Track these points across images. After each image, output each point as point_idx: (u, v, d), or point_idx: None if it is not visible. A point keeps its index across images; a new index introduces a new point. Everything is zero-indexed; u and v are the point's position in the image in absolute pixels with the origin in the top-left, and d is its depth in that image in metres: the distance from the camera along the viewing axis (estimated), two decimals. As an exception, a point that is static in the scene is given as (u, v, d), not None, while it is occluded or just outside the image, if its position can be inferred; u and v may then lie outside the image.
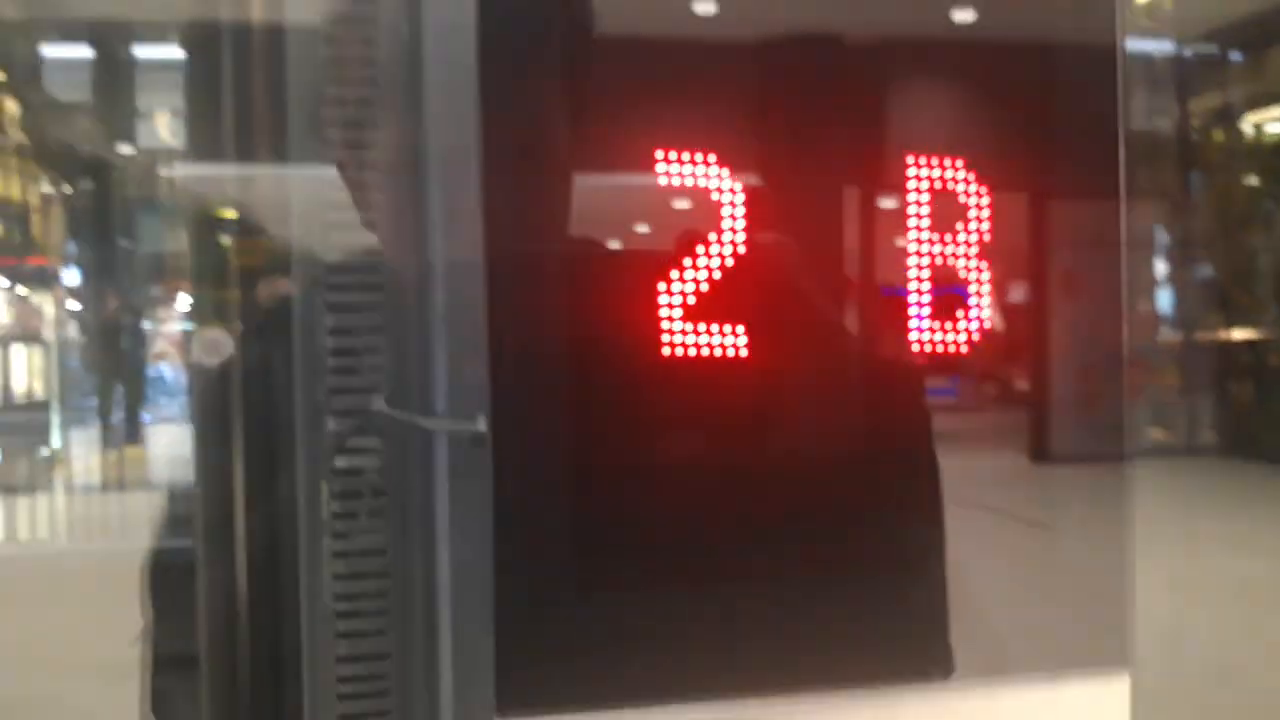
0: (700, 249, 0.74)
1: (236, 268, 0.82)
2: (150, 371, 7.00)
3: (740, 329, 0.75)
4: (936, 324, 0.79)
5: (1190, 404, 8.29)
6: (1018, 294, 0.82)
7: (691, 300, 0.74)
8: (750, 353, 0.75)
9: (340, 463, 0.74)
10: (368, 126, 0.73)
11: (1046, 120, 0.79)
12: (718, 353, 0.75)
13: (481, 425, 0.66)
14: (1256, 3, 7.55)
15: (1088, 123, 0.79)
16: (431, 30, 0.70)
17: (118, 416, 6.07)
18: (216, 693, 0.82)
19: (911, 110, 0.77)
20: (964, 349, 0.80)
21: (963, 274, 0.78)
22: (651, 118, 0.74)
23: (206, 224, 0.87)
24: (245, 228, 0.81)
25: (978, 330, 0.79)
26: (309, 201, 0.74)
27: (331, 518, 0.74)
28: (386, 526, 0.73)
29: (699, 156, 0.74)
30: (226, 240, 0.84)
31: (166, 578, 0.90)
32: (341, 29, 0.72)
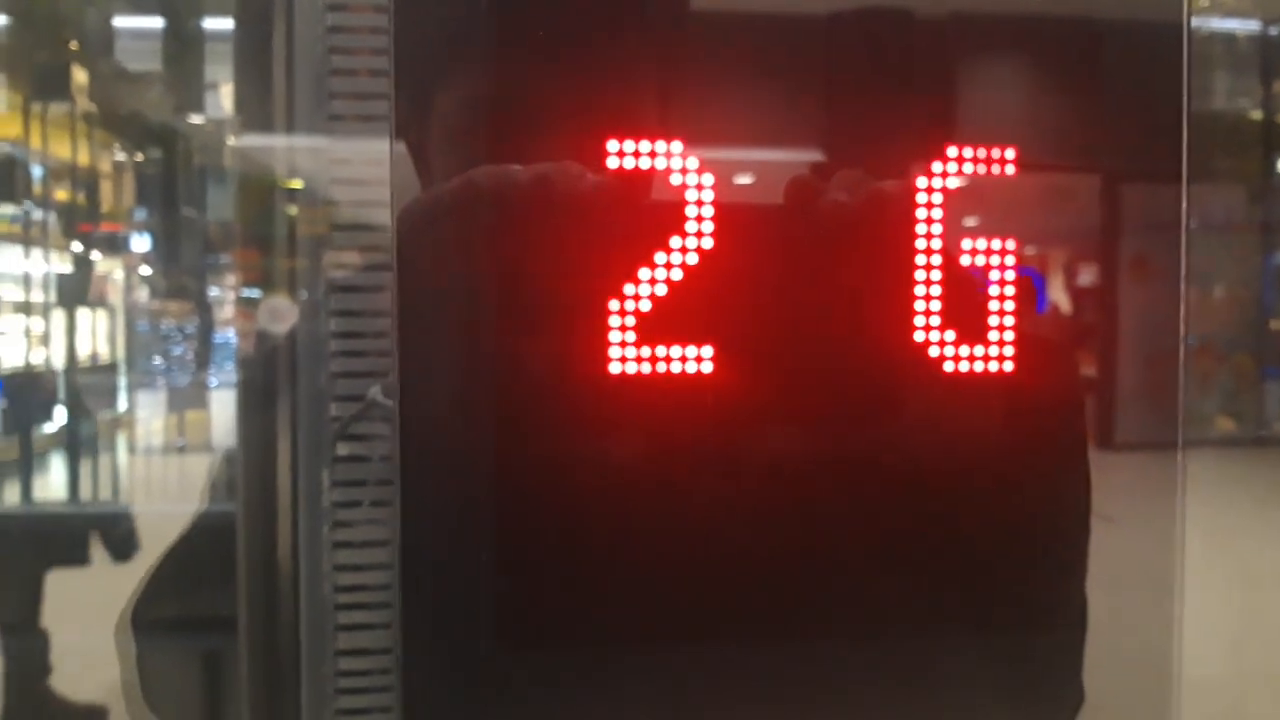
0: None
1: (299, 237, 0.82)
2: (217, 338, 7.10)
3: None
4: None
5: (1262, 393, 8.03)
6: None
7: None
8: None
9: (343, 450, 0.72)
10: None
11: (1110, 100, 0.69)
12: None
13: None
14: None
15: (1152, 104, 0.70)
16: None
17: (183, 380, 6.17)
18: (256, 661, 0.82)
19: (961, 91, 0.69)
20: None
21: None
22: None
23: (269, 193, 0.87)
24: (307, 197, 0.80)
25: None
26: (354, 172, 0.72)
27: (333, 507, 0.72)
28: (391, 517, 0.71)
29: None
30: (290, 209, 0.84)
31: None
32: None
